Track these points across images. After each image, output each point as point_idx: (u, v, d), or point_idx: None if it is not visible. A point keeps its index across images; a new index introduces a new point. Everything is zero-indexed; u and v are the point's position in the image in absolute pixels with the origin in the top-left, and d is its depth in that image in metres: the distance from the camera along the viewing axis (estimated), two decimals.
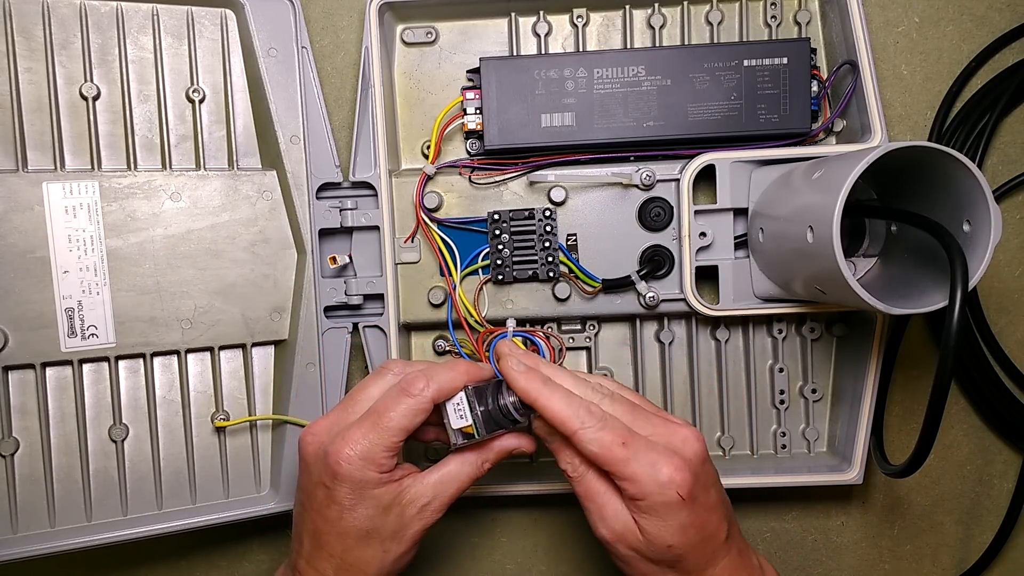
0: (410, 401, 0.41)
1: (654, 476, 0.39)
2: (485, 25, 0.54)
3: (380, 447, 0.41)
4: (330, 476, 0.41)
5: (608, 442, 0.40)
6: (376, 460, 0.41)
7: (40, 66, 0.49)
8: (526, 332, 0.50)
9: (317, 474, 0.41)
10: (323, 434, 0.42)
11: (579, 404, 0.41)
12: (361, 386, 0.44)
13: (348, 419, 0.42)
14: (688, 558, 0.40)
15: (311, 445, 0.42)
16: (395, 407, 0.41)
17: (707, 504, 0.41)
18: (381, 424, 0.41)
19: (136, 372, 0.51)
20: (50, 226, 0.48)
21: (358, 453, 0.40)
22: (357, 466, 0.40)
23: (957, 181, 0.41)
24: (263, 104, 0.52)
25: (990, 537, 0.56)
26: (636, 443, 0.40)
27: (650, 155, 0.52)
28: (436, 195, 0.52)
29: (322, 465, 0.41)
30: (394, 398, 0.42)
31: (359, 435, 0.41)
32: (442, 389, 0.42)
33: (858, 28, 0.49)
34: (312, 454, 0.42)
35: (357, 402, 0.43)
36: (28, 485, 0.49)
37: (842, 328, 0.54)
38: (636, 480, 0.39)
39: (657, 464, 0.39)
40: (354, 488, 0.41)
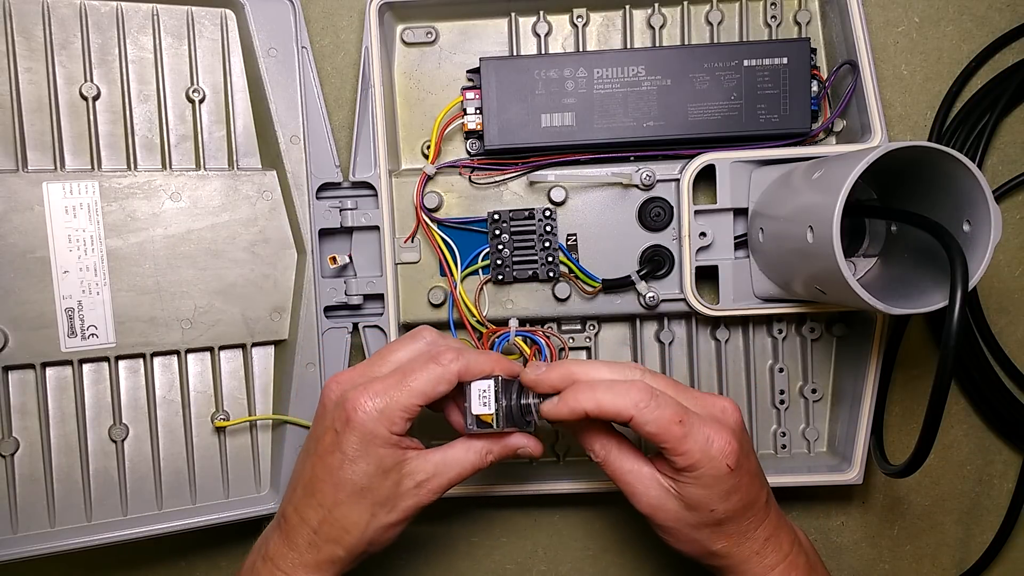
0: (437, 369, 0.41)
1: (706, 450, 0.40)
2: (485, 25, 0.54)
3: (398, 406, 0.41)
4: (342, 421, 0.41)
5: (666, 421, 0.40)
6: (391, 417, 0.41)
7: (40, 66, 0.49)
8: (528, 332, 0.50)
9: (330, 419, 0.42)
10: (346, 383, 0.43)
11: (627, 388, 0.41)
12: (391, 346, 0.45)
13: (373, 374, 0.43)
14: (732, 520, 0.42)
15: (333, 391, 0.43)
16: (421, 371, 0.41)
17: (750, 470, 0.42)
18: (404, 383, 0.41)
19: (136, 372, 0.51)
20: (50, 226, 0.48)
21: (375, 405, 0.41)
22: (371, 417, 0.40)
23: (957, 181, 0.41)
24: (263, 104, 0.52)
25: (990, 537, 0.56)
26: (690, 418, 0.41)
27: (650, 155, 0.52)
28: (436, 195, 0.52)
29: (338, 411, 0.41)
30: (422, 363, 0.42)
31: (380, 388, 0.41)
32: (470, 368, 0.42)
33: (858, 28, 0.49)
34: (332, 400, 0.43)
35: (385, 361, 0.43)
36: (28, 485, 0.49)
37: (842, 328, 0.54)
38: (690, 454, 0.40)
39: (710, 438, 0.40)
40: (362, 439, 0.41)
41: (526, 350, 0.50)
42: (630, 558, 0.58)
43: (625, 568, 0.58)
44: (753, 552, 0.43)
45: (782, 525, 0.45)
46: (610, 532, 0.58)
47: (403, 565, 0.58)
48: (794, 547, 0.44)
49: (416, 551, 0.58)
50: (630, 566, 0.58)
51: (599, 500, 0.57)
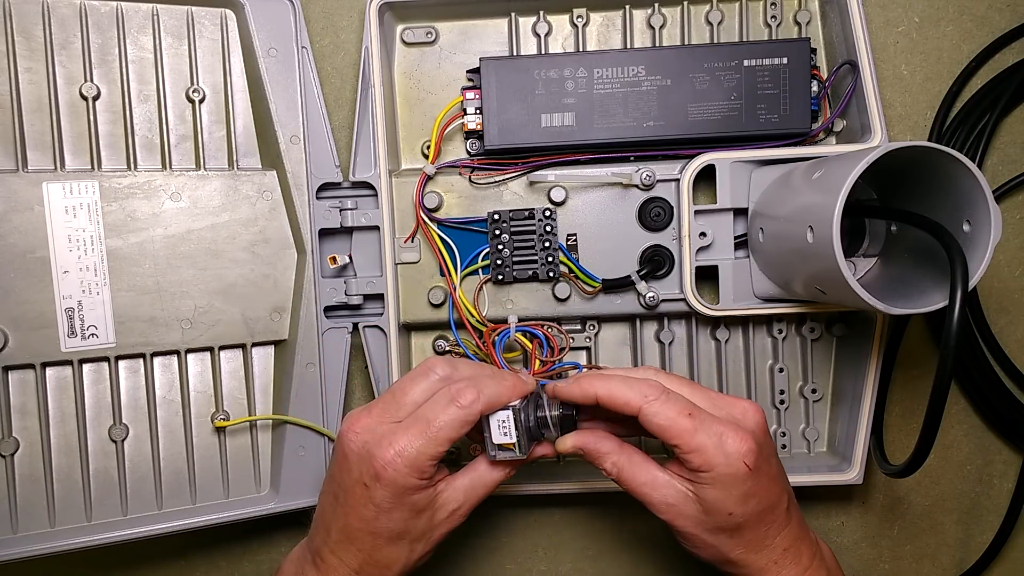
0: (460, 413, 0.41)
1: (721, 447, 0.40)
2: (485, 25, 0.54)
3: (426, 456, 0.40)
4: (371, 477, 0.40)
5: (674, 414, 0.40)
6: (421, 467, 0.40)
7: (40, 66, 0.49)
8: (528, 327, 0.50)
9: (358, 472, 0.41)
10: (366, 432, 0.41)
11: (639, 382, 0.41)
12: (404, 385, 0.43)
13: (392, 418, 0.42)
14: (750, 526, 0.41)
15: (354, 442, 0.41)
16: (444, 416, 0.41)
17: (770, 474, 0.41)
18: (429, 433, 0.40)
19: (136, 372, 0.51)
20: (50, 226, 0.48)
21: (404, 460, 0.40)
22: (402, 472, 0.40)
23: (957, 181, 0.41)
24: (263, 104, 0.52)
25: (990, 537, 0.56)
26: (701, 415, 0.40)
27: (650, 155, 0.52)
28: (436, 195, 0.52)
29: (365, 465, 0.41)
30: (443, 407, 0.41)
31: (405, 441, 0.40)
32: (491, 403, 0.42)
33: (858, 28, 0.49)
34: (355, 451, 0.41)
35: (401, 403, 0.42)
36: (28, 485, 0.49)
37: (842, 328, 0.54)
38: (703, 451, 0.40)
39: (724, 435, 0.40)
40: (394, 493, 0.40)
41: (527, 344, 0.50)
42: (630, 558, 0.58)
43: (625, 568, 0.58)
44: (771, 561, 0.42)
45: (803, 536, 0.44)
46: (610, 532, 0.58)
47: None
48: (814, 560, 0.44)
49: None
50: (630, 566, 0.58)
51: (599, 500, 0.57)
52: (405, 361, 0.54)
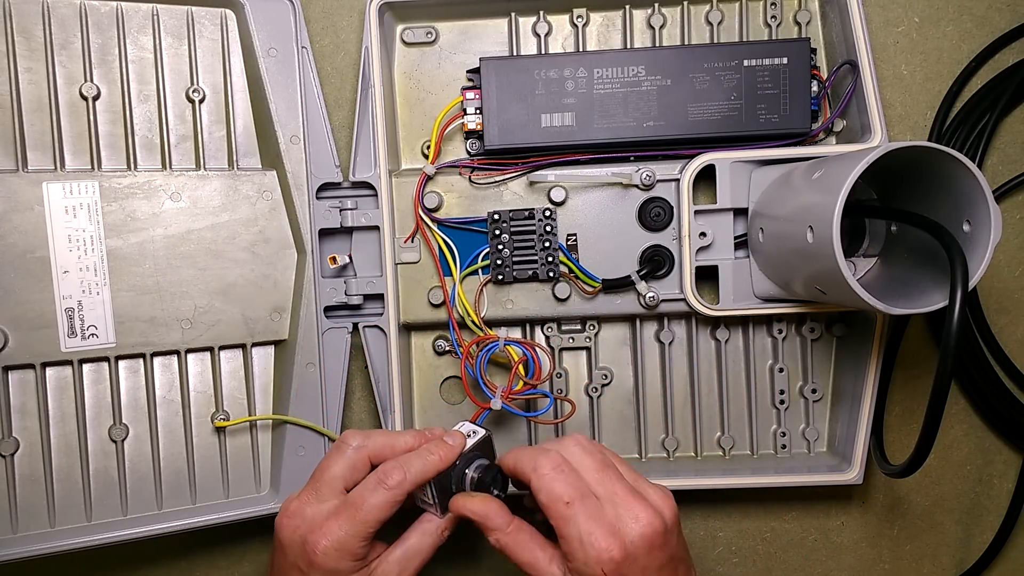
0: (387, 495, 0.42)
1: (584, 547, 0.39)
2: (485, 25, 0.54)
3: (356, 538, 0.42)
4: (306, 563, 0.42)
5: (556, 495, 0.40)
6: (352, 550, 0.42)
7: (40, 66, 0.49)
8: (518, 342, 0.50)
9: (293, 557, 0.42)
10: (297, 518, 0.43)
11: (542, 452, 0.42)
12: (323, 464, 0.45)
13: (318, 499, 0.43)
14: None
15: (286, 528, 0.43)
16: (371, 499, 0.42)
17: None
18: (358, 517, 0.42)
19: (136, 372, 0.51)
20: (50, 226, 0.48)
21: (334, 544, 0.41)
22: (333, 557, 0.41)
23: (957, 181, 0.41)
24: (263, 104, 0.52)
25: (990, 537, 0.56)
26: (581, 506, 0.39)
27: (650, 155, 0.52)
28: (436, 195, 0.52)
29: (298, 551, 0.42)
30: (372, 490, 0.42)
31: (335, 527, 0.42)
32: (418, 481, 0.43)
33: (858, 28, 0.49)
34: (287, 538, 0.43)
35: (324, 482, 0.44)
36: (28, 485, 0.49)
37: (842, 328, 0.54)
38: (569, 542, 0.39)
39: (592, 536, 0.39)
40: (329, 574, 0.42)
41: (514, 358, 0.50)
42: None
43: None
44: None
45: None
46: None
47: None
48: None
49: None
50: None
51: None
52: (405, 361, 0.54)
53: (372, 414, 0.56)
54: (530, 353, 0.50)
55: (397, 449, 0.45)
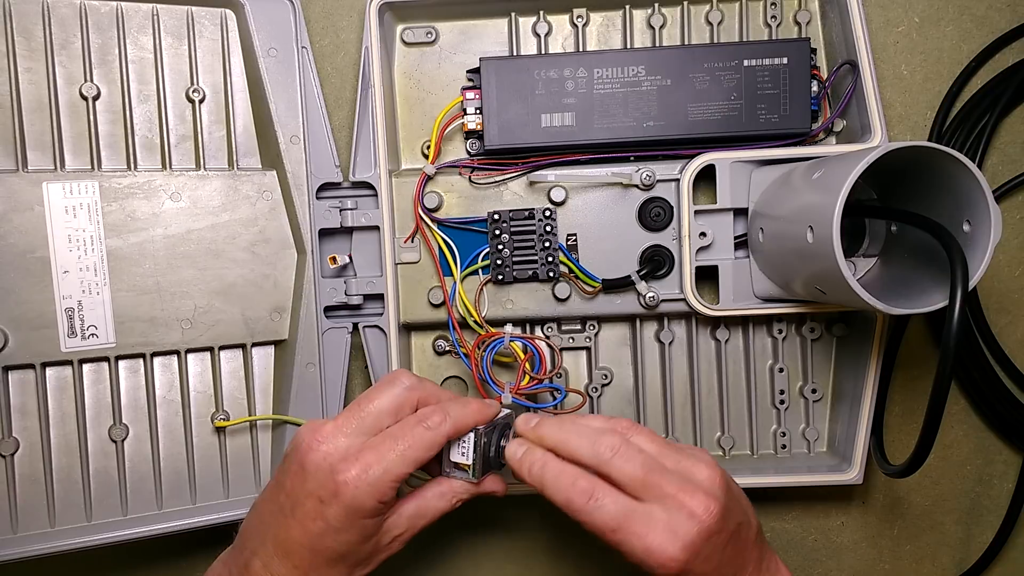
0: (428, 434, 0.40)
1: (647, 560, 0.39)
2: (485, 25, 0.54)
3: (389, 477, 0.39)
4: (329, 493, 0.39)
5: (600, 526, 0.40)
6: (383, 490, 0.39)
7: (40, 66, 0.49)
8: (523, 337, 0.50)
9: (314, 485, 0.39)
10: (329, 442, 0.40)
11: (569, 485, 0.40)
12: (369, 394, 0.42)
13: (357, 429, 0.40)
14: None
15: (316, 452, 0.39)
16: (409, 437, 0.40)
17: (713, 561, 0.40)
18: (396, 451, 0.39)
19: (136, 372, 0.51)
20: (50, 226, 0.48)
21: (368, 480, 0.39)
22: (363, 492, 0.38)
23: (957, 181, 0.41)
24: (263, 104, 0.52)
25: (990, 537, 0.56)
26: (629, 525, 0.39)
27: (650, 155, 0.52)
28: (436, 195, 0.52)
29: (324, 478, 0.39)
30: (410, 427, 0.40)
31: (371, 459, 0.39)
32: (458, 426, 0.42)
33: (858, 28, 0.49)
34: (315, 463, 0.39)
35: (367, 411, 0.41)
36: (28, 485, 0.49)
37: (842, 328, 0.54)
38: (632, 558, 0.39)
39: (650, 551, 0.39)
40: (349, 513, 0.39)
41: (520, 355, 0.50)
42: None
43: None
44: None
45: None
46: None
47: (403, 565, 0.58)
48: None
49: (416, 551, 0.58)
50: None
51: None
52: (405, 361, 0.54)
53: None
54: (535, 348, 0.50)
55: (442, 398, 0.43)
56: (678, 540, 0.38)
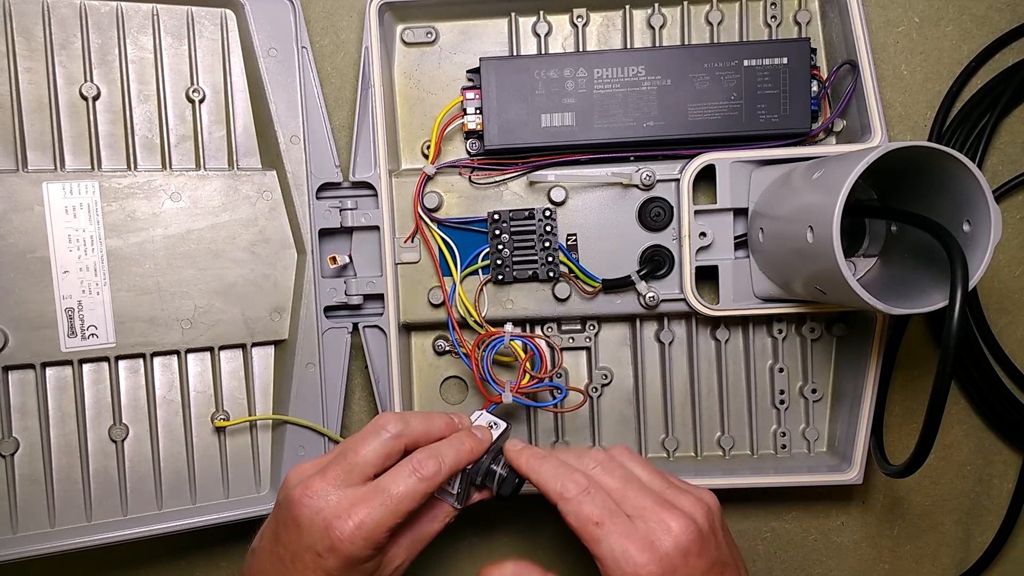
0: (422, 486, 0.41)
1: (620, 565, 0.39)
2: (485, 25, 0.54)
3: (383, 527, 0.40)
4: (327, 548, 0.39)
5: (584, 517, 0.40)
6: (377, 539, 0.40)
7: (40, 66, 0.49)
8: (523, 336, 0.50)
9: (310, 539, 0.40)
10: (321, 498, 0.40)
11: (566, 473, 0.41)
12: (355, 445, 0.42)
13: (346, 482, 0.41)
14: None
15: (308, 508, 0.40)
16: (405, 489, 0.40)
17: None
18: (389, 506, 0.40)
19: (136, 372, 0.51)
20: (50, 226, 0.48)
21: (362, 532, 0.39)
22: (358, 545, 0.39)
23: (957, 181, 0.41)
24: (263, 104, 0.52)
25: (990, 537, 0.56)
26: (612, 525, 0.39)
27: (650, 155, 0.52)
28: (436, 195, 0.52)
29: (320, 534, 0.39)
30: (405, 478, 0.41)
31: (364, 514, 0.39)
32: (451, 471, 0.42)
33: (858, 28, 0.49)
34: (309, 518, 0.40)
35: (354, 464, 0.41)
36: (28, 485, 0.49)
37: (842, 328, 0.54)
38: (603, 562, 0.39)
39: (627, 553, 0.39)
40: (347, 564, 0.39)
41: (521, 354, 0.50)
42: None
43: None
44: None
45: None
46: None
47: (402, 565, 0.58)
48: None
49: None
50: None
51: None
52: (405, 361, 0.54)
53: (372, 414, 0.56)
54: (535, 347, 0.50)
55: (432, 437, 0.44)
56: (655, 551, 0.39)
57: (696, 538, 0.39)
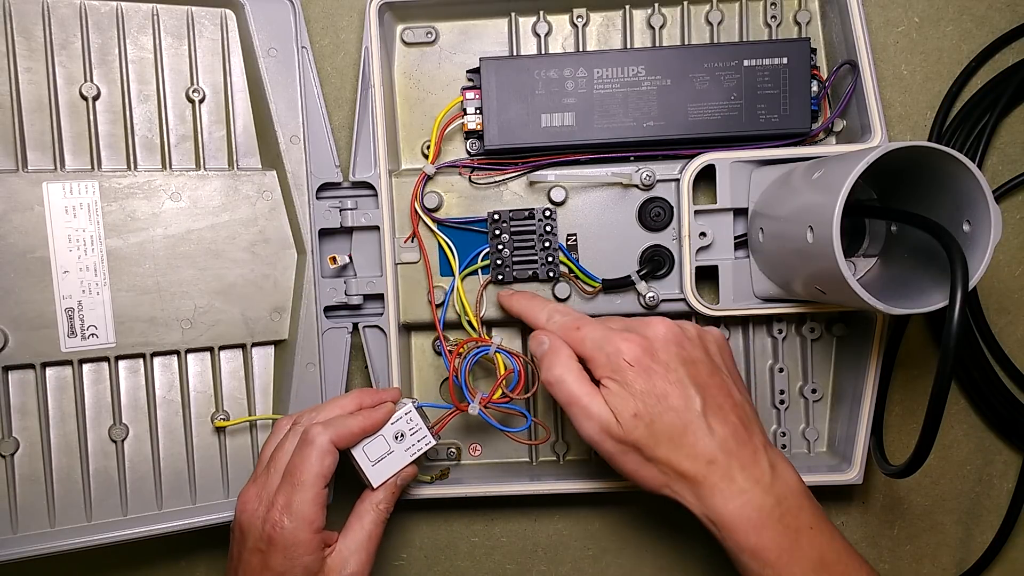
0: (313, 450, 0.44)
1: (603, 349, 0.43)
2: (485, 25, 0.54)
3: (305, 503, 0.43)
4: (266, 542, 0.43)
5: (567, 324, 0.45)
6: (306, 516, 0.43)
7: (40, 66, 0.49)
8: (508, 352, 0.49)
9: (252, 542, 0.43)
10: (252, 502, 0.44)
11: (552, 304, 0.48)
12: (263, 451, 0.47)
13: (268, 484, 0.44)
14: (658, 434, 0.41)
15: (245, 513, 0.44)
16: (301, 460, 0.44)
17: (666, 377, 0.42)
18: (297, 480, 0.43)
19: (136, 372, 0.51)
20: (50, 226, 0.48)
21: (288, 514, 0.43)
22: (290, 528, 0.42)
23: (957, 181, 0.41)
24: (263, 104, 0.52)
25: (990, 537, 0.56)
26: (592, 326, 0.44)
27: (650, 155, 0.52)
28: (436, 195, 0.52)
29: (258, 532, 0.43)
30: (298, 452, 0.44)
31: (283, 497, 0.43)
32: (340, 434, 0.45)
33: (858, 28, 0.49)
34: (247, 522, 0.44)
35: (267, 467, 0.45)
36: (28, 485, 0.49)
37: (842, 328, 0.54)
38: (591, 356, 0.43)
39: (609, 338, 0.43)
40: (287, 554, 0.42)
41: (501, 369, 0.49)
42: (630, 558, 0.58)
43: (625, 568, 0.58)
44: (698, 474, 0.41)
45: (742, 456, 0.41)
46: (610, 532, 0.58)
47: (403, 565, 0.58)
48: (756, 485, 0.41)
49: (416, 551, 0.58)
50: (630, 566, 0.58)
51: (599, 500, 0.57)
52: (405, 361, 0.54)
53: None
54: (518, 367, 0.48)
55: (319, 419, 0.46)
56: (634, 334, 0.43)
57: (679, 335, 0.44)
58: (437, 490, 0.53)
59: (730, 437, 0.42)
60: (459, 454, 0.56)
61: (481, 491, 0.53)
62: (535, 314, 0.47)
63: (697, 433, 0.42)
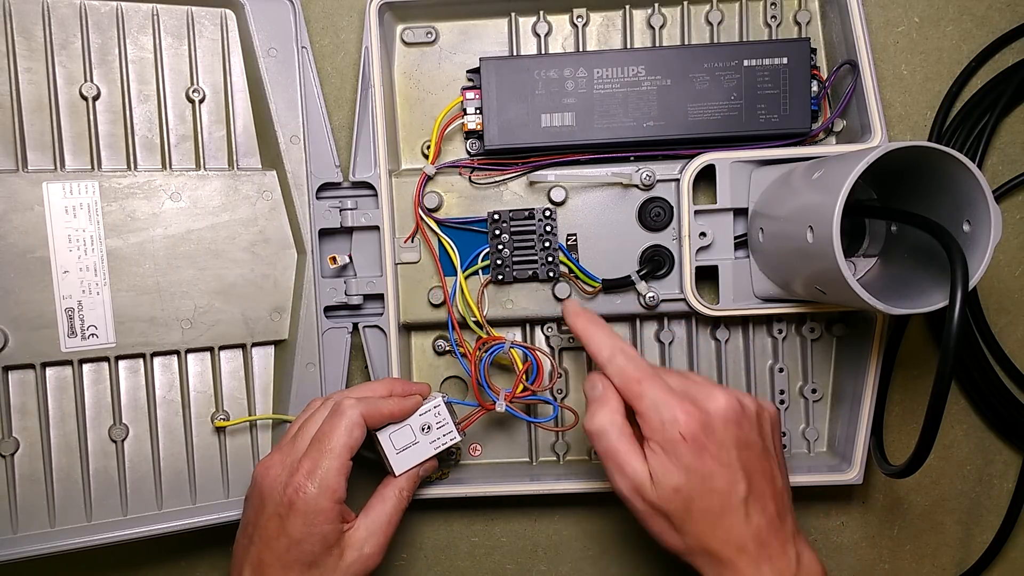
0: (343, 420, 0.44)
1: (659, 414, 0.41)
2: (485, 25, 0.54)
3: (331, 471, 0.43)
4: (286, 507, 0.43)
5: (628, 375, 0.42)
6: (330, 486, 0.43)
7: (40, 66, 0.49)
8: (525, 347, 0.50)
9: (272, 507, 0.43)
10: (277, 467, 0.44)
11: (619, 343, 0.44)
12: (293, 423, 0.48)
13: (295, 453, 0.45)
14: (695, 511, 0.41)
15: (267, 478, 0.44)
16: (332, 429, 0.44)
17: (718, 457, 0.41)
18: (325, 448, 0.43)
19: (136, 372, 0.51)
20: (50, 226, 0.48)
21: (313, 481, 0.43)
22: (312, 495, 0.42)
23: (957, 181, 0.41)
24: (263, 104, 0.52)
25: (990, 537, 0.56)
26: (653, 383, 0.42)
27: (650, 155, 0.52)
28: (436, 195, 0.52)
29: (278, 496, 0.43)
30: (329, 421, 0.45)
31: (310, 465, 0.43)
32: (370, 410, 0.45)
33: (858, 28, 0.49)
34: (270, 487, 0.44)
35: (295, 437, 0.46)
36: (28, 485, 0.49)
37: (842, 328, 0.54)
38: (645, 416, 0.41)
39: (668, 404, 0.41)
40: (306, 520, 0.42)
41: (519, 364, 0.49)
42: (630, 559, 0.58)
43: (625, 568, 0.58)
44: (726, 557, 0.41)
45: (771, 549, 0.41)
46: (610, 533, 0.58)
47: (403, 565, 0.58)
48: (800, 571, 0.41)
49: (416, 551, 0.58)
50: (630, 566, 0.58)
51: (599, 500, 0.57)
52: (405, 361, 0.54)
53: None
54: (534, 358, 0.49)
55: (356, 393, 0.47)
56: (696, 408, 0.41)
57: (739, 412, 0.42)
58: (437, 490, 0.53)
59: (765, 527, 0.41)
60: (459, 454, 0.56)
61: (481, 491, 0.53)
62: (598, 347, 0.44)
63: (734, 518, 0.41)
